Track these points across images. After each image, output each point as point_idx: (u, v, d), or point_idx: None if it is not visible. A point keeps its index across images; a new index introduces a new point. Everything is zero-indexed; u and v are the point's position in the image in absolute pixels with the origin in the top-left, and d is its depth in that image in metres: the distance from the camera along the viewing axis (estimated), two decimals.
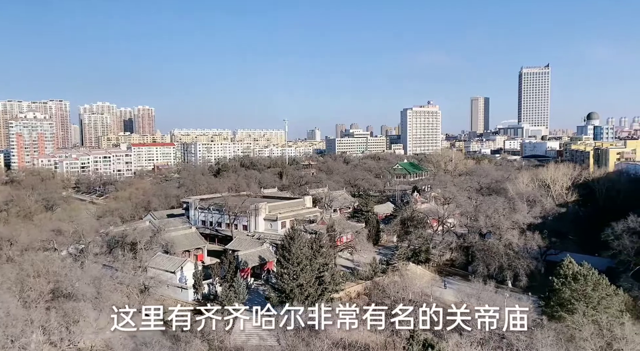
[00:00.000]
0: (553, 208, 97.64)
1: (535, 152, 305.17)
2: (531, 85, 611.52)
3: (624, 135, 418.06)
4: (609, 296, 42.26)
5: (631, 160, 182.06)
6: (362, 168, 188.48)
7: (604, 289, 43.20)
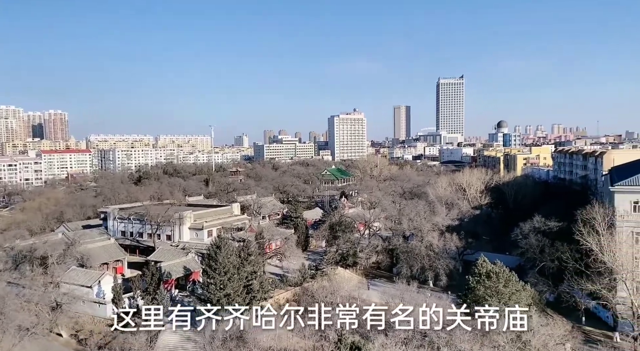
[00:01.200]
0: (469, 210, 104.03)
1: (452, 157, 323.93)
2: (447, 95, 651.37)
3: (529, 142, 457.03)
4: (518, 292, 45.87)
5: (536, 165, 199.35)
6: (291, 175, 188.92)
7: (514, 285, 46.80)
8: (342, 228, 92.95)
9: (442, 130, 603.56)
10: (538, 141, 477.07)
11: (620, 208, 61.08)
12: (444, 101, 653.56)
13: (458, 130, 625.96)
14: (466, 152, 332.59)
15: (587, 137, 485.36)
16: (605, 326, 56.42)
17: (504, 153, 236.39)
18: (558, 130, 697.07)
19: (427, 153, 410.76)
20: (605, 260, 52.12)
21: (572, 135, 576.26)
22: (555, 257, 63.11)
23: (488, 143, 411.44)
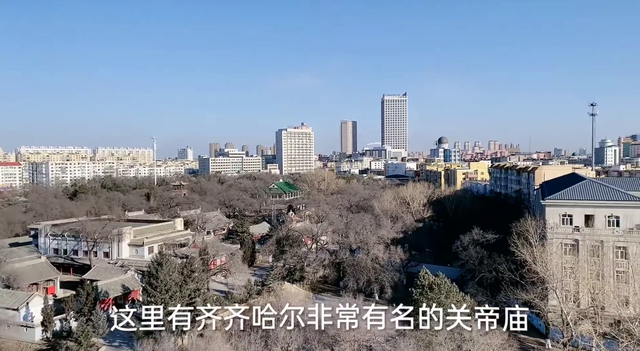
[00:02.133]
0: (412, 223, 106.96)
1: (396, 172, 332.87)
2: (392, 111, 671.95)
3: (468, 157, 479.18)
4: (459, 303, 47.31)
5: (474, 179, 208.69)
6: (237, 188, 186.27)
7: (454, 296, 48.37)
8: (290, 242, 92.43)
9: (387, 145, 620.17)
10: (476, 157, 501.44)
11: (550, 220, 65.04)
12: (389, 117, 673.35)
13: (402, 145, 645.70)
14: (410, 166, 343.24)
15: (521, 153, 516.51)
16: (538, 334, 59.31)
17: (445, 168, 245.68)
18: (494, 146, 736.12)
19: (373, 168, 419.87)
20: (538, 270, 55.07)
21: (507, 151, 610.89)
22: (493, 268, 65.92)
23: (430, 158, 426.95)
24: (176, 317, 50.24)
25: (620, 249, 60.13)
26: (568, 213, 64.92)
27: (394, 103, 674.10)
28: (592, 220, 63.28)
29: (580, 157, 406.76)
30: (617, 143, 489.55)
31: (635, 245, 58.82)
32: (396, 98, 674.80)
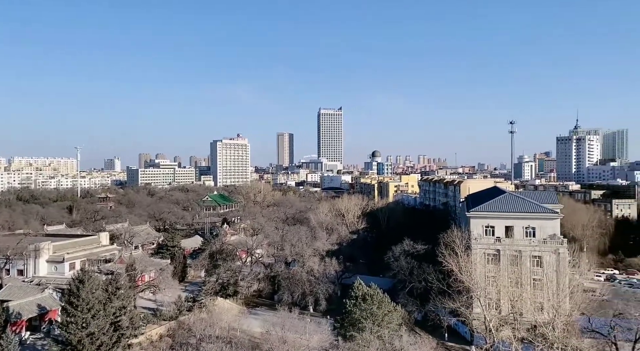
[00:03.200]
0: (347, 235, 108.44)
1: (332, 184, 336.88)
2: (328, 124, 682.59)
3: (400, 171, 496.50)
4: (390, 313, 48.51)
5: (405, 192, 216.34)
6: (168, 201, 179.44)
7: (386, 307, 49.47)
8: (224, 256, 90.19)
9: (323, 157, 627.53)
10: (407, 170, 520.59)
11: (474, 231, 68.76)
12: (325, 130, 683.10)
13: (338, 158, 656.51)
14: (345, 179, 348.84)
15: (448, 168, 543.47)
16: (463, 341, 62.13)
17: (378, 181, 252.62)
18: (424, 161, 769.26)
19: (309, 180, 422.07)
20: (464, 279, 57.85)
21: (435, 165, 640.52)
22: (423, 278, 68.32)
23: (364, 171, 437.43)
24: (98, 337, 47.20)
25: (536, 258, 64.68)
26: (490, 225, 69.03)
27: (330, 117, 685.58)
28: (512, 231, 67.71)
29: (501, 172, 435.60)
30: (533, 159, 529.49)
31: (548, 254, 63.62)
32: (332, 112, 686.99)
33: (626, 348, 47.76)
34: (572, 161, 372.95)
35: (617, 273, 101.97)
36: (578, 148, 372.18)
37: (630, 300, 53.05)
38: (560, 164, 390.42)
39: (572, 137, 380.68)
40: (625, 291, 72.82)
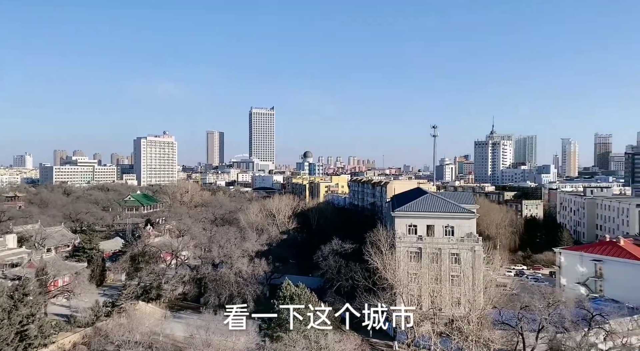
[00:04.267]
0: (277, 235, 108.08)
1: (264, 184, 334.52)
2: (260, 123, 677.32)
3: (331, 171, 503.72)
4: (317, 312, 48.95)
5: (335, 192, 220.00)
6: (87, 201, 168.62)
7: (314, 305, 49.89)
8: (146, 258, 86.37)
9: (255, 157, 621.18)
10: (337, 171, 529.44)
11: (399, 230, 71.51)
12: (257, 129, 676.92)
13: (269, 158, 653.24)
14: (277, 179, 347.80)
15: (376, 169, 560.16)
16: (387, 338, 64.26)
17: (310, 181, 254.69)
18: (353, 162, 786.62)
19: (240, 180, 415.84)
20: (388, 276, 59.92)
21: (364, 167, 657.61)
22: (350, 276, 69.86)
23: (296, 171, 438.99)
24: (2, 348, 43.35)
25: (454, 256, 68.50)
26: (413, 224, 72.14)
27: (262, 116, 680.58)
28: (433, 229, 71.23)
29: (425, 173, 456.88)
30: (453, 162, 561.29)
31: (465, 251, 67.63)
32: (264, 112, 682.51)
33: (531, 338, 51.99)
34: (488, 164, 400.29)
35: (526, 269, 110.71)
36: (493, 152, 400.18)
37: (535, 294, 57.63)
38: (478, 167, 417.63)
39: (489, 141, 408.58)
40: (532, 285, 79.15)
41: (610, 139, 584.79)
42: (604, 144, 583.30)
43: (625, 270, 73.14)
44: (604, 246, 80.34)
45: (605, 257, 76.79)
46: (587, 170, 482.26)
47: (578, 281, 78.75)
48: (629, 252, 75.06)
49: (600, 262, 77.22)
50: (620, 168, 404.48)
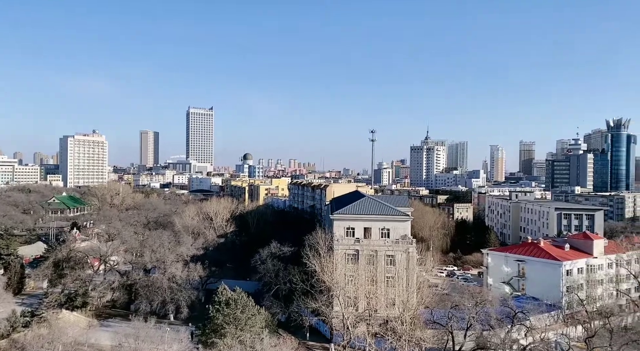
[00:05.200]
0: (215, 239, 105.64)
1: (201, 186, 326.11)
2: (198, 124, 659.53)
3: (271, 174, 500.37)
4: (253, 316, 48.41)
5: (275, 195, 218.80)
6: (5, 203, 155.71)
7: (250, 310, 49.26)
8: (71, 264, 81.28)
9: (192, 158, 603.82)
10: (278, 173, 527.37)
11: (337, 233, 72.15)
12: (195, 130, 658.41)
13: (208, 160, 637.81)
14: (215, 181, 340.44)
15: (316, 172, 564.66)
16: (324, 340, 64.74)
17: (249, 184, 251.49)
18: (294, 165, 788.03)
19: (176, 182, 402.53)
20: (325, 279, 60.30)
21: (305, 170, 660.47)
22: (288, 279, 69.60)
23: (236, 173, 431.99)
24: None
25: (389, 257, 70.18)
26: (351, 226, 73.09)
27: (200, 117, 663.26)
28: (370, 232, 72.56)
29: (363, 177, 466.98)
30: (391, 166, 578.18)
31: (400, 253, 69.51)
32: (203, 112, 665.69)
33: (460, 336, 54.42)
34: (423, 168, 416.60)
35: (456, 270, 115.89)
36: (428, 157, 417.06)
37: (464, 293, 60.49)
38: (414, 171, 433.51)
39: (424, 147, 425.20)
40: (462, 285, 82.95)
41: (533, 147, 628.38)
42: (528, 151, 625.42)
43: (544, 270, 78.55)
44: (527, 247, 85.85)
45: (527, 257, 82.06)
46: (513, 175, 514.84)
47: (503, 281, 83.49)
48: (547, 253, 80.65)
49: (523, 262, 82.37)
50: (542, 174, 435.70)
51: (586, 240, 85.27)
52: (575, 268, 79.32)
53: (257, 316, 48.95)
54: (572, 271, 78.48)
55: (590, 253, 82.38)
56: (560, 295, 74.07)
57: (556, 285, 75.64)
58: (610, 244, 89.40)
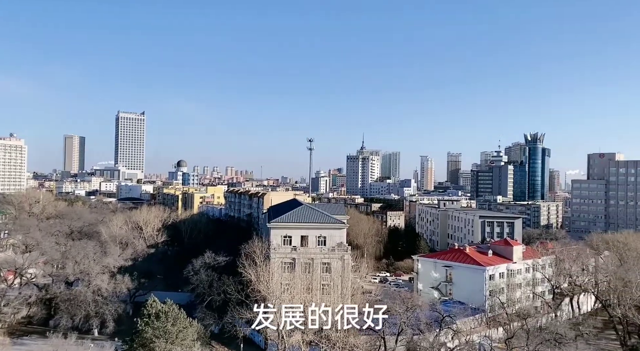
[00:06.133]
0: (144, 249, 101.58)
1: (131, 194, 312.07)
2: (128, 129, 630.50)
3: (207, 181, 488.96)
4: (185, 329, 46.95)
5: (211, 203, 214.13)
6: None
7: (181, 323, 47.73)
8: None
9: (121, 165, 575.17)
10: (214, 181, 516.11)
11: (274, 241, 72.12)
12: (124, 135, 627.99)
13: (138, 167, 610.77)
14: (146, 189, 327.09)
15: (254, 180, 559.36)
16: (258, 350, 64.11)
17: (183, 191, 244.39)
18: (231, 172, 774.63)
19: (103, 189, 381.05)
20: (261, 288, 59.79)
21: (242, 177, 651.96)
22: (222, 290, 68.32)
23: (169, 181, 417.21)
24: None
25: (325, 265, 71.17)
26: (288, 235, 73.41)
27: (130, 121, 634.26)
28: (307, 240, 73.21)
29: (301, 185, 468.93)
30: (328, 175, 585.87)
31: (336, 260, 70.74)
32: (133, 116, 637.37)
33: (391, 341, 56.16)
34: (359, 177, 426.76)
35: (389, 276, 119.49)
36: (363, 166, 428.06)
37: (396, 299, 62.50)
38: (349, 180, 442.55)
39: (359, 156, 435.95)
40: (394, 291, 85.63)
41: (460, 158, 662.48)
42: (455, 162, 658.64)
43: (470, 275, 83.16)
44: (453, 253, 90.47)
45: (454, 263, 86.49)
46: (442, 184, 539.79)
47: (432, 286, 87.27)
48: (472, 258, 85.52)
49: (451, 268, 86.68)
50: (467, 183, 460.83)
51: (507, 247, 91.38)
52: (497, 273, 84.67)
53: (189, 328, 47.54)
54: (494, 276, 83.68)
55: (510, 259, 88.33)
56: (483, 299, 78.62)
57: (480, 289, 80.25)
58: (528, 250, 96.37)
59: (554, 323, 68.45)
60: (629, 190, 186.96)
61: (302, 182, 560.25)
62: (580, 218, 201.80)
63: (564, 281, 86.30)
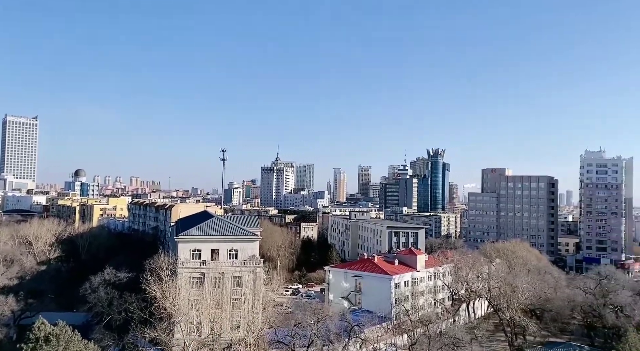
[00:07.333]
0: (34, 266, 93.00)
1: (19, 206, 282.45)
2: (17, 135, 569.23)
3: (109, 192, 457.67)
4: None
5: (112, 215, 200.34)
6: None
7: (75, 346, 43.72)
8: None
9: (8, 174, 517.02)
10: (117, 192, 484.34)
11: (182, 256, 68.97)
12: (12, 141, 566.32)
13: (29, 176, 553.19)
14: (38, 200, 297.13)
15: (162, 191, 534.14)
16: None
17: (81, 203, 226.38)
18: (136, 183, 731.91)
19: None
20: (167, 305, 56.93)
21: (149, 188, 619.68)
22: (123, 308, 64.08)
23: (65, 191, 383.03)
24: None
25: (236, 279, 69.53)
26: (198, 248, 70.66)
27: (20, 126, 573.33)
28: (217, 253, 71.07)
29: (213, 196, 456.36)
30: (241, 186, 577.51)
31: (247, 274, 69.45)
32: (23, 121, 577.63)
33: None
34: (273, 188, 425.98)
35: (301, 287, 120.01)
36: (278, 177, 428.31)
37: (307, 310, 62.78)
38: (264, 191, 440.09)
39: (274, 168, 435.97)
40: (305, 302, 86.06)
41: (370, 170, 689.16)
42: (366, 174, 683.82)
43: (377, 284, 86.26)
44: (363, 263, 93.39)
45: (363, 272, 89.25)
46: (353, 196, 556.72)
47: (342, 296, 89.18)
48: (380, 268, 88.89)
49: (360, 277, 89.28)
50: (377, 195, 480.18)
51: (411, 256, 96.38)
52: (403, 282, 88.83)
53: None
54: (400, 284, 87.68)
55: (414, 267, 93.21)
56: (390, 307, 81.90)
57: (387, 297, 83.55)
58: (430, 259, 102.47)
59: (453, 328, 73.31)
60: (516, 203, 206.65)
61: (214, 194, 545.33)
62: (475, 228, 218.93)
63: (461, 288, 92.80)
